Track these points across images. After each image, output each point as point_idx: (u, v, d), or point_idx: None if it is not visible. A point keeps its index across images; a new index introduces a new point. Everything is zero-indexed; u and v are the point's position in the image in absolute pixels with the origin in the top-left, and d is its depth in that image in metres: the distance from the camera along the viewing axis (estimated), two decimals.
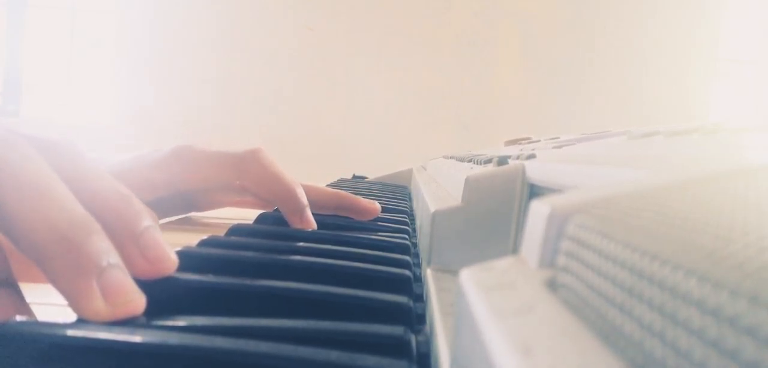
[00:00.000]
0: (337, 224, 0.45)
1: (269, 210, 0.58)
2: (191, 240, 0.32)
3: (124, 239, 0.22)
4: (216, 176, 0.45)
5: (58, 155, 0.23)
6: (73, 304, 0.19)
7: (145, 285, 0.21)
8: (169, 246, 0.23)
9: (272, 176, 0.44)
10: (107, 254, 0.20)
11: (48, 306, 0.21)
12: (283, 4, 2.36)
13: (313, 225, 0.44)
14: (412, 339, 0.19)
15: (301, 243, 0.33)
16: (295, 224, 0.44)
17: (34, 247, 0.20)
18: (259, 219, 0.43)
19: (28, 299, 0.22)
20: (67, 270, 0.19)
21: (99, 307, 0.19)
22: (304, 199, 0.45)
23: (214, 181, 0.46)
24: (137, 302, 0.20)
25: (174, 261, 0.23)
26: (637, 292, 0.09)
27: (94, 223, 0.21)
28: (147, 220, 0.23)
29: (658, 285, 0.08)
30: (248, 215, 0.51)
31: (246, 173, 0.45)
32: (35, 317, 0.21)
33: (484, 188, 0.31)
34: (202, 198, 0.48)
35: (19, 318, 0.18)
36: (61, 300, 0.20)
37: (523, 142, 0.80)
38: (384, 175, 1.11)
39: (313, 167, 1.70)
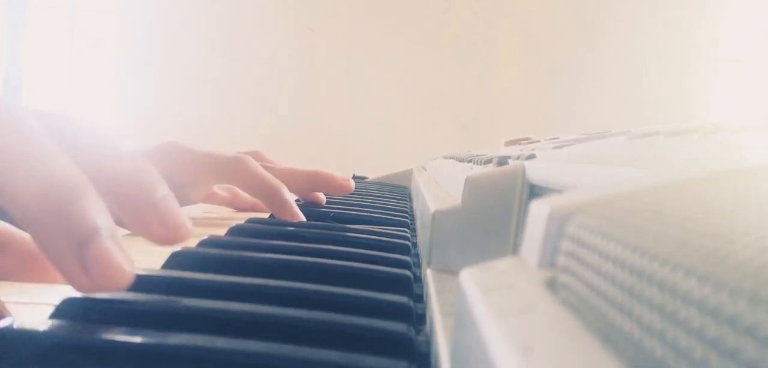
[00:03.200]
0: (338, 221, 0.46)
1: (244, 210, 0.60)
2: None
3: (141, 206, 0.22)
4: (201, 174, 0.49)
5: (63, 125, 0.23)
6: (64, 276, 0.19)
7: (145, 285, 0.21)
8: (184, 213, 0.23)
9: (257, 178, 0.48)
10: (97, 219, 0.19)
11: (47, 306, 0.21)
12: (283, 4, 2.36)
13: (300, 217, 0.47)
14: (412, 339, 0.19)
15: (301, 243, 0.33)
16: (284, 218, 0.47)
17: (25, 215, 0.19)
18: (251, 221, 0.44)
19: (25, 299, 0.22)
20: (56, 239, 0.19)
21: (83, 280, 0.19)
22: (288, 196, 0.47)
23: (198, 179, 0.49)
24: (124, 275, 0.19)
25: (190, 227, 0.23)
26: (637, 292, 0.09)
27: (86, 185, 0.20)
28: (164, 187, 0.23)
29: (658, 285, 0.08)
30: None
31: (232, 176, 0.49)
32: (10, 314, 0.20)
33: (484, 188, 0.31)
34: (183, 194, 0.51)
35: (18, 318, 0.18)
36: (58, 300, 0.20)
37: (523, 142, 0.80)
38: (384, 175, 1.11)
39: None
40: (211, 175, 0.49)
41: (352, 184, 0.54)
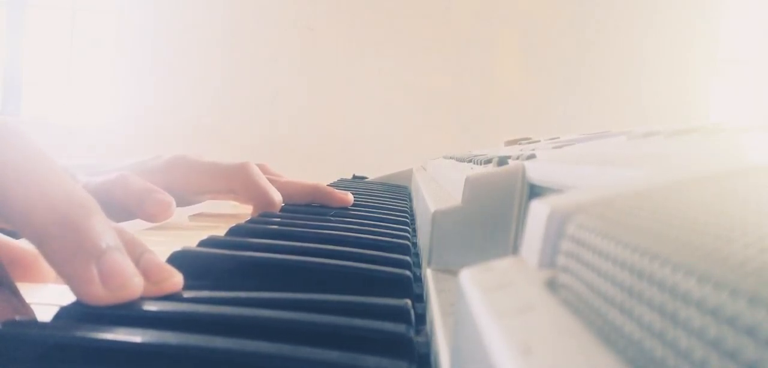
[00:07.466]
0: (338, 221, 0.46)
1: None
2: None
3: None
4: (208, 183, 0.53)
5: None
6: (74, 287, 0.19)
7: None
8: (166, 266, 0.22)
9: (257, 186, 0.51)
10: (107, 236, 0.20)
11: (48, 306, 0.21)
12: (284, 4, 2.36)
13: None
14: (413, 339, 0.19)
15: (301, 243, 0.33)
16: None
17: (34, 228, 0.20)
18: (250, 221, 0.44)
19: (27, 299, 0.22)
20: (68, 253, 0.19)
21: (98, 292, 0.19)
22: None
23: (206, 187, 0.53)
24: (135, 286, 0.20)
25: (179, 279, 0.22)
26: (637, 292, 0.09)
27: (95, 204, 0.21)
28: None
29: (658, 285, 0.08)
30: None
31: (235, 182, 0.52)
32: (34, 315, 0.21)
33: (484, 188, 0.31)
34: (192, 199, 0.55)
35: (18, 318, 0.18)
36: (60, 300, 0.20)
37: (523, 142, 0.80)
38: (384, 175, 1.11)
39: (313, 167, 1.70)
40: (214, 182, 0.52)
41: (351, 197, 0.56)
